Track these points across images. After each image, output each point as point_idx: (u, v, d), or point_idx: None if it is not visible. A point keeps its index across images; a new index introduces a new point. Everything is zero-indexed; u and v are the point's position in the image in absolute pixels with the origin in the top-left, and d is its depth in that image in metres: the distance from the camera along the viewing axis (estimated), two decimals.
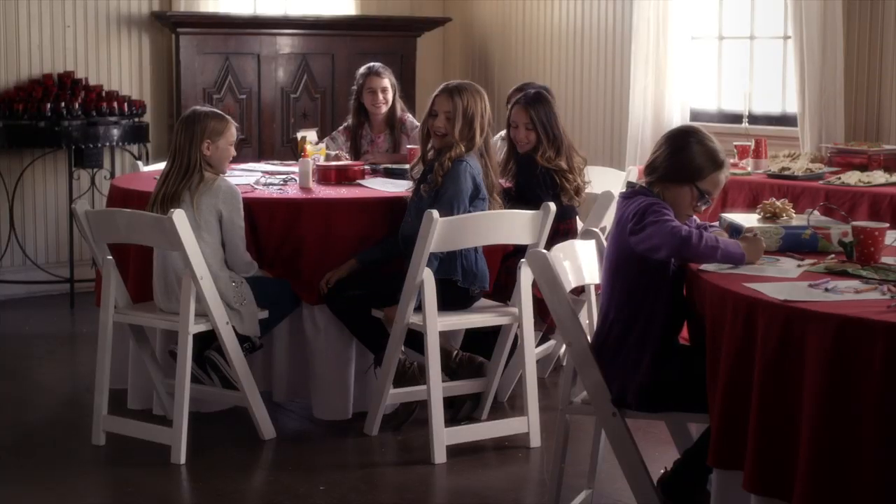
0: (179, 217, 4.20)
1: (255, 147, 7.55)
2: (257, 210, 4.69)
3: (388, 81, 5.89)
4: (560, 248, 3.53)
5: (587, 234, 3.81)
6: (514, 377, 4.94)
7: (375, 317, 4.58)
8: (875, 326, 2.60)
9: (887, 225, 3.30)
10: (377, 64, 5.98)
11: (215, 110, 4.68)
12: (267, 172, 5.54)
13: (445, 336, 4.65)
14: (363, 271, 4.65)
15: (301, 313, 4.75)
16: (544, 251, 3.38)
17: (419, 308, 4.37)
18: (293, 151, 7.44)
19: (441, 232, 4.26)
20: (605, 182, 5.53)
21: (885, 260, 3.27)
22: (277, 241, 4.68)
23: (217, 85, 7.37)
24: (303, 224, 4.67)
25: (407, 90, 7.92)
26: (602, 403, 3.36)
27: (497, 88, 7.92)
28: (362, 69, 5.96)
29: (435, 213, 4.24)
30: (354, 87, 5.98)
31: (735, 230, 3.51)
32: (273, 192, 4.90)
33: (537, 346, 4.92)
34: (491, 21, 8.06)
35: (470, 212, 4.49)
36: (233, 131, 4.58)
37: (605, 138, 7.26)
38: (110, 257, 4.50)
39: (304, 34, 7.67)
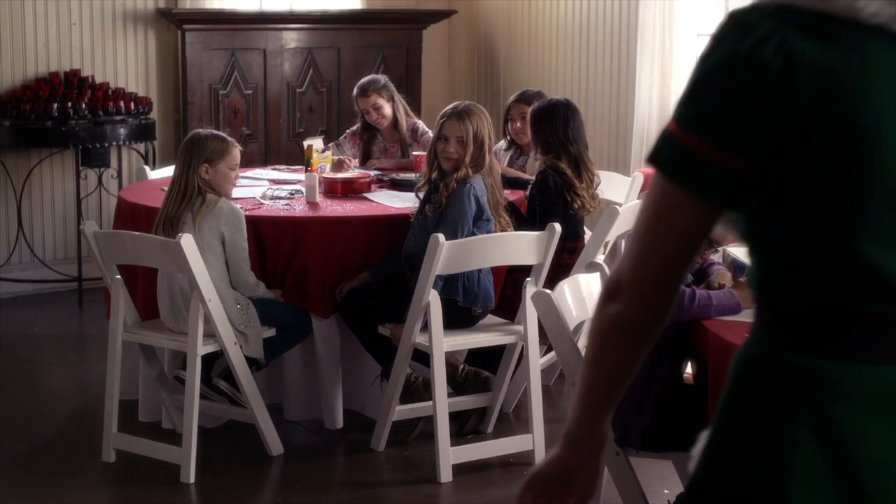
0: (187, 241, 4.23)
1: (261, 142, 7.57)
2: (264, 228, 4.72)
3: (375, 98, 5.86)
4: (565, 284, 3.55)
5: (592, 267, 3.84)
6: (520, 388, 4.99)
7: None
8: None
9: None
10: (364, 81, 5.97)
11: (216, 133, 4.69)
12: (273, 181, 5.57)
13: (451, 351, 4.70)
14: (377, 284, 4.70)
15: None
16: (549, 292, 3.41)
17: (425, 327, 4.41)
18: (299, 146, 7.46)
19: (447, 254, 4.29)
20: (610, 187, 5.56)
21: None
22: (284, 259, 4.72)
23: (223, 80, 7.38)
24: (309, 242, 4.70)
25: (413, 83, 7.94)
26: (608, 447, 3.39)
27: (503, 81, 7.94)
28: (354, 90, 5.97)
29: (441, 236, 4.27)
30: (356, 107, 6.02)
31: (738, 268, 3.53)
32: (280, 208, 4.93)
33: (543, 355, 4.96)
34: (496, 13, 8.05)
35: (474, 233, 4.53)
36: (234, 154, 4.57)
37: (611, 135, 7.25)
38: (119, 277, 4.54)
39: (310, 28, 7.67)
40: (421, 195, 4.72)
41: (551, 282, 4.63)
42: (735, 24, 1.53)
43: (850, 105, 1.50)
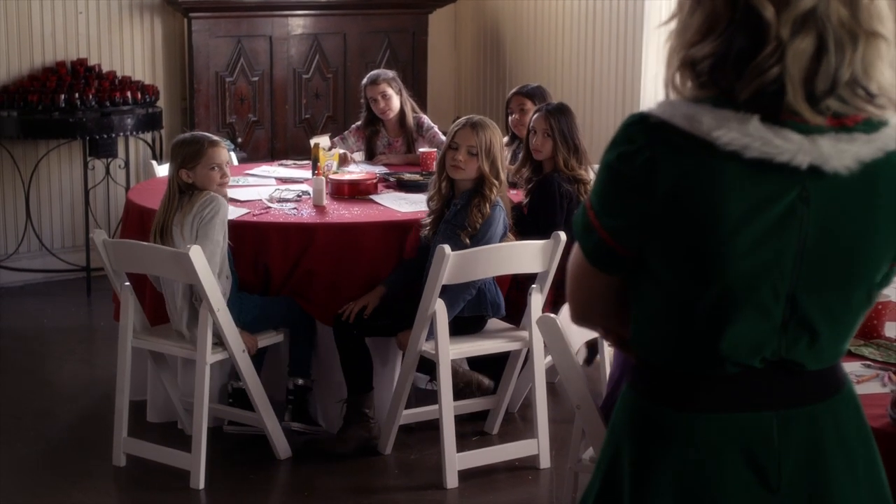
0: (196, 253, 4.27)
1: (267, 129, 7.60)
2: (271, 233, 4.75)
3: (385, 86, 5.92)
4: None
5: None
6: (525, 388, 5.03)
7: (367, 352, 4.67)
8: (875, 435, 2.65)
9: (891, 297, 3.35)
10: (375, 72, 6.08)
11: (196, 135, 4.73)
12: (280, 180, 5.61)
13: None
14: (393, 297, 4.70)
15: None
16: (554, 316, 3.45)
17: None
18: (305, 133, 7.51)
19: (453, 265, 4.33)
20: None
21: (889, 327, 3.33)
22: (291, 264, 4.73)
23: (229, 68, 7.40)
24: (316, 248, 4.72)
25: (419, 68, 7.96)
26: None
27: (509, 65, 7.94)
28: (364, 80, 6.03)
29: (447, 247, 4.30)
30: (362, 100, 6.05)
31: None
32: (287, 212, 4.96)
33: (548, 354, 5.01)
34: None
35: None
36: (211, 154, 4.53)
37: (616, 123, 7.18)
38: (128, 284, 4.59)
39: (316, 14, 7.67)
40: (433, 205, 4.72)
41: (557, 286, 4.69)
42: (623, 134, 1.84)
43: (702, 209, 1.80)
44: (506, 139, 5.85)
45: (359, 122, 6.18)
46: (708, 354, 1.87)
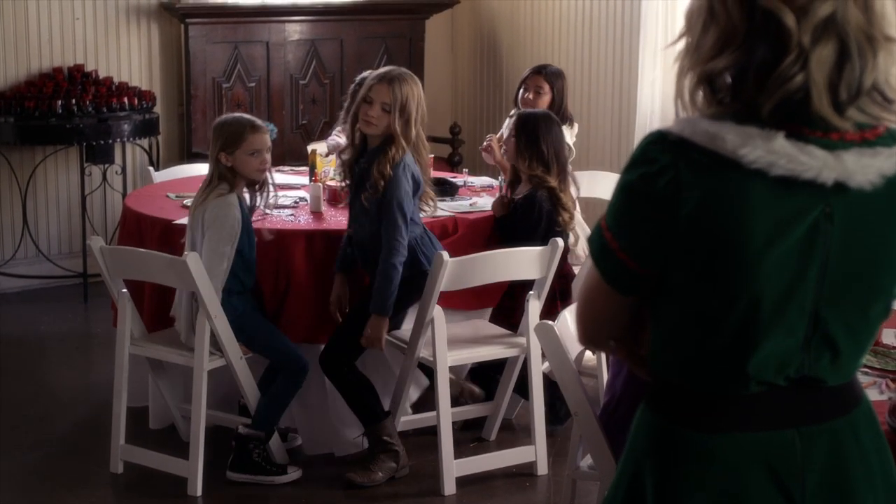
0: (193, 259, 4.27)
1: None
2: (267, 239, 4.75)
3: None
4: (566, 313, 3.59)
5: None
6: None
7: (365, 380, 4.57)
8: None
9: None
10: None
11: (239, 117, 4.63)
12: (278, 186, 5.59)
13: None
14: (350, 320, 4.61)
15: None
16: (551, 323, 3.45)
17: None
18: (302, 138, 7.51)
19: (450, 272, 4.33)
20: (609, 188, 5.56)
21: (886, 333, 3.33)
22: (287, 272, 4.71)
23: (226, 74, 7.40)
24: (313, 254, 4.72)
25: (416, 73, 7.92)
26: (608, 473, 3.45)
27: (506, 70, 7.94)
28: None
29: (445, 254, 4.31)
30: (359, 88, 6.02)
31: None
32: (284, 218, 4.95)
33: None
34: (499, 3, 8.04)
35: (417, 207, 4.51)
36: (252, 141, 4.49)
37: (612, 131, 7.26)
38: (125, 290, 4.58)
39: (313, 20, 7.67)
40: (345, 157, 4.59)
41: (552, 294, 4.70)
42: (643, 154, 1.82)
43: (728, 229, 1.77)
44: (513, 112, 5.82)
45: (346, 123, 6.12)
46: (733, 374, 1.85)
